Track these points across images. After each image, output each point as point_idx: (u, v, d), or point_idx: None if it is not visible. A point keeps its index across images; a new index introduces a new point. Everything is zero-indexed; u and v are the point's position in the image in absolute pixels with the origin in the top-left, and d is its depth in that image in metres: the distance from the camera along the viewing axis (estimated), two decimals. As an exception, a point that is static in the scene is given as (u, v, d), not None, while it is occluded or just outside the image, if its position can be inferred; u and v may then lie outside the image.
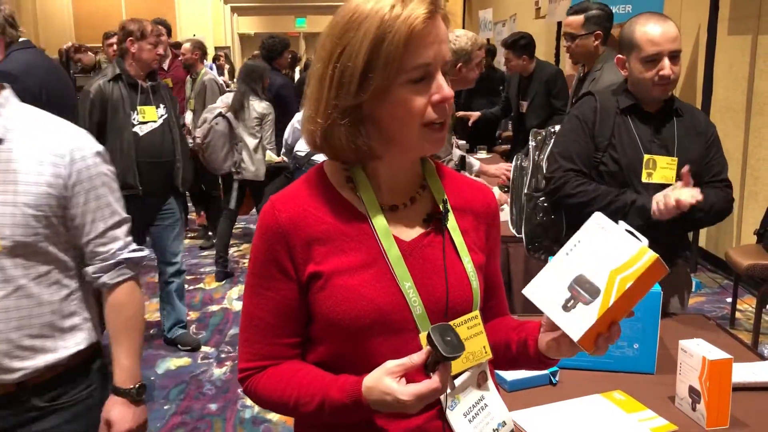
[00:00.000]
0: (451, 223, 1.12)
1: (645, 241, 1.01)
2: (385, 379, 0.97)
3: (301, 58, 14.70)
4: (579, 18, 3.63)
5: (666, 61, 2.04)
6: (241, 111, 4.87)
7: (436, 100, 1.01)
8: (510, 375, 1.66)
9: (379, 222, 1.07)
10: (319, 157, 1.29)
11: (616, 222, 1.07)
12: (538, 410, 1.58)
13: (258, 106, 4.88)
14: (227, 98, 5.04)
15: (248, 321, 1.13)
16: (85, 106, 3.48)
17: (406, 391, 0.96)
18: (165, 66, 6.21)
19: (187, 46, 6.13)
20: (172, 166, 3.66)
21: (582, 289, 1.02)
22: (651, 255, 0.99)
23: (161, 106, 3.65)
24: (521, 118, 5.27)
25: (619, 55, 2.16)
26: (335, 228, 1.07)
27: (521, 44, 5.11)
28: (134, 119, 3.54)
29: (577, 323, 1.01)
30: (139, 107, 3.57)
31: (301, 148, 4.13)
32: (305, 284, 1.08)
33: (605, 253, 1.02)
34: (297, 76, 10.19)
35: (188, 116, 5.98)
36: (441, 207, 1.12)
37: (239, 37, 23.12)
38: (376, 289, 1.05)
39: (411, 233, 1.10)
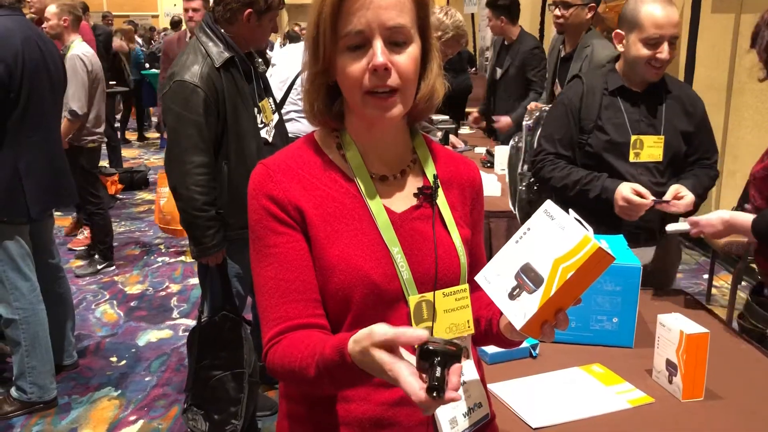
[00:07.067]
0: (441, 199, 1.13)
1: (590, 230, 0.99)
2: (374, 351, 0.85)
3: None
4: None
5: (665, 45, 2.05)
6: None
7: (370, 68, 1.00)
8: (491, 348, 1.68)
9: (367, 187, 1.08)
10: None
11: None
12: (517, 382, 1.60)
13: None
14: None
15: (261, 290, 1.05)
16: (194, 114, 2.24)
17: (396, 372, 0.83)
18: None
19: (52, 9, 4.39)
20: None
21: (527, 278, 1.01)
22: (593, 244, 0.96)
23: (271, 99, 2.62)
24: (494, 86, 5.03)
25: (618, 30, 2.16)
26: (327, 194, 1.07)
27: (500, 4, 4.96)
28: (260, 121, 2.47)
29: (521, 312, 1.01)
30: (260, 103, 2.50)
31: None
32: (307, 239, 1.05)
33: (551, 241, 1.01)
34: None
35: None
36: (431, 182, 1.13)
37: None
38: (369, 261, 1.05)
39: (401, 205, 1.11)
